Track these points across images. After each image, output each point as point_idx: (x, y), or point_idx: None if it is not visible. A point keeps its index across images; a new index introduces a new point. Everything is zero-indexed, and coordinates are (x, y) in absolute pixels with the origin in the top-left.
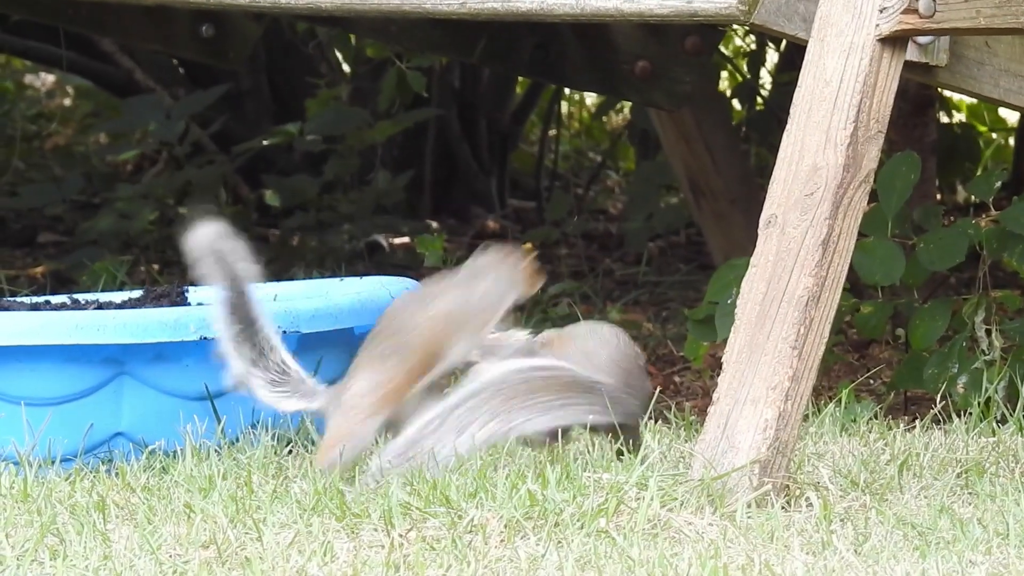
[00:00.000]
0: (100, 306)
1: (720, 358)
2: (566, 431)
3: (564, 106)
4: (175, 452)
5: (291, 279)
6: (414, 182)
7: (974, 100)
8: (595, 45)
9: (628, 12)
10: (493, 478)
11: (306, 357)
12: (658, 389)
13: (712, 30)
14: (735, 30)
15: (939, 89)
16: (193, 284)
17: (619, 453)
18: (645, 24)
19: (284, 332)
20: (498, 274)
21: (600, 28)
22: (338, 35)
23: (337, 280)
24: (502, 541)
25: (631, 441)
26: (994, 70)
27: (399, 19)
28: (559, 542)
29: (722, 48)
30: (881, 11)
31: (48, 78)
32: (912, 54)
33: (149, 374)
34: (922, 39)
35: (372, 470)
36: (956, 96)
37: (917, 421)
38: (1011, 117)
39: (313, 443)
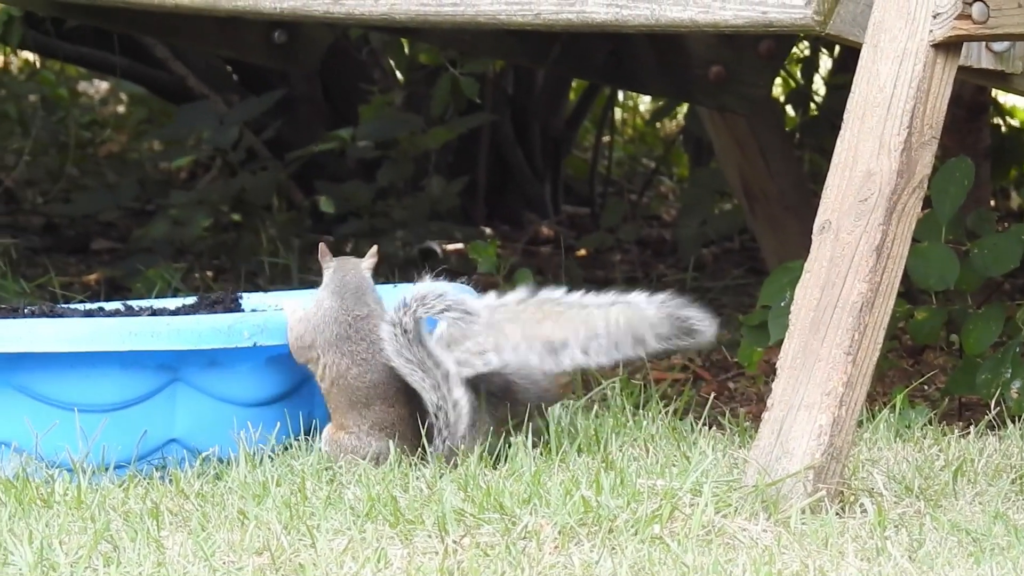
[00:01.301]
0: (154, 312)
1: (774, 364)
2: None
3: (618, 112)
4: (229, 459)
5: None
6: (468, 188)
7: None
8: (668, 51)
9: (703, 23)
10: (547, 484)
11: None
12: (712, 395)
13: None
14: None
15: (993, 94)
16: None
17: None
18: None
19: None
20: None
21: (674, 35)
22: (391, 41)
23: (391, 287)
24: (556, 548)
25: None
26: None
27: (472, 28)
28: (613, 549)
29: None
30: (935, 17)
31: (102, 85)
32: (987, 62)
33: (203, 380)
34: (997, 46)
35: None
36: (1010, 101)
37: (971, 427)
38: None
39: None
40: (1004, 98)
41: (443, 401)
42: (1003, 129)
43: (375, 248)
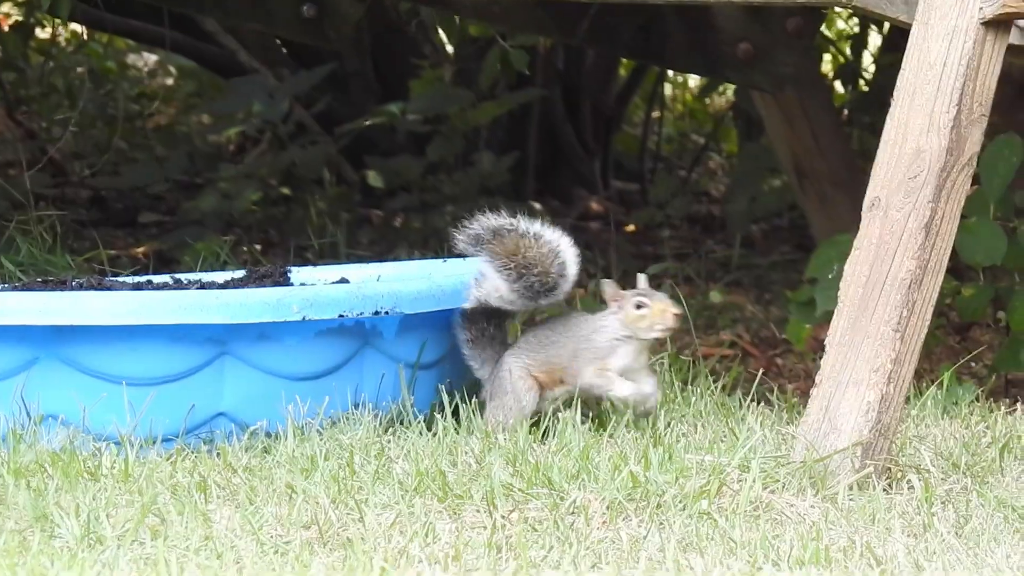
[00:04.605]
0: (203, 286)
1: (822, 341)
2: None
3: (668, 88)
4: (277, 433)
5: (394, 260)
6: (518, 164)
7: None
8: (697, 27)
9: None
10: (595, 460)
11: (408, 337)
12: (760, 371)
13: (815, 12)
14: (838, 13)
15: None
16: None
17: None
18: (748, 6)
19: (387, 313)
20: (622, 319)
21: (702, 10)
22: (442, 14)
23: (440, 261)
24: (604, 523)
25: None
26: None
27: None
28: (661, 523)
29: (825, 30)
30: None
31: (150, 58)
32: (1016, 38)
33: (251, 354)
34: None
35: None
36: None
37: (1018, 404)
38: None
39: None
40: None
41: None
42: None
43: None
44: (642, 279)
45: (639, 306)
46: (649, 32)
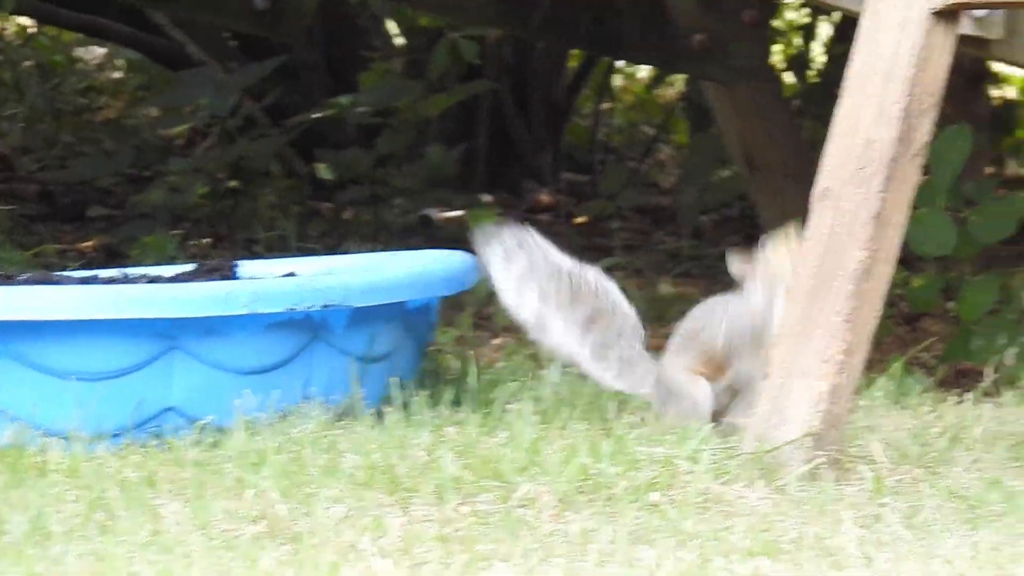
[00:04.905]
0: (151, 280)
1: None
2: None
3: (617, 79)
4: (226, 427)
5: (344, 252)
6: (468, 156)
7: None
8: (652, 18)
9: None
10: (545, 452)
11: (359, 331)
12: None
13: (769, 3)
14: (789, 3)
15: (991, 63)
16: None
17: None
18: None
19: (337, 306)
20: (763, 285)
21: (657, 2)
22: (390, 6)
23: (390, 254)
24: (554, 515)
25: None
26: None
27: None
28: (612, 515)
29: (774, 21)
30: None
31: (98, 51)
32: (967, 28)
33: (200, 348)
34: (978, 12)
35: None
36: (1006, 70)
37: (968, 394)
38: None
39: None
40: (999, 67)
41: None
42: (1000, 98)
43: None
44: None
45: (771, 260)
46: (604, 24)
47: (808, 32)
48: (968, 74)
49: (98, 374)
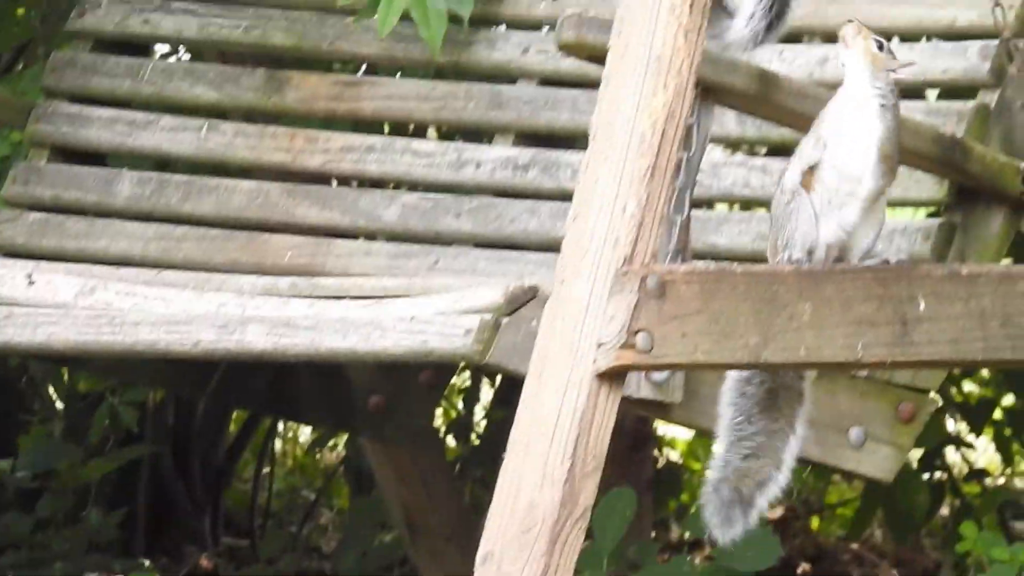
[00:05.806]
0: None
1: None
2: None
3: (278, 443)
4: None
5: None
6: (128, 519)
7: (690, 436)
8: (330, 380)
9: (363, 352)
10: None
11: None
12: None
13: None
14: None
15: (655, 426)
16: None
17: None
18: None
19: None
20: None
21: (335, 364)
22: (51, 369)
23: None
24: None
25: None
26: None
27: (132, 357)
28: None
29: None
30: (599, 346)
31: None
32: (647, 392)
33: None
34: (656, 376)
35: None
36: (670, 433)
37: None
38: None
39: None
40: (664, 429)
41: None
42: (663, 461)
43: None
44: None
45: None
46: (282, 386)
47: (470, 395)
48: (630, 434)
49: None
